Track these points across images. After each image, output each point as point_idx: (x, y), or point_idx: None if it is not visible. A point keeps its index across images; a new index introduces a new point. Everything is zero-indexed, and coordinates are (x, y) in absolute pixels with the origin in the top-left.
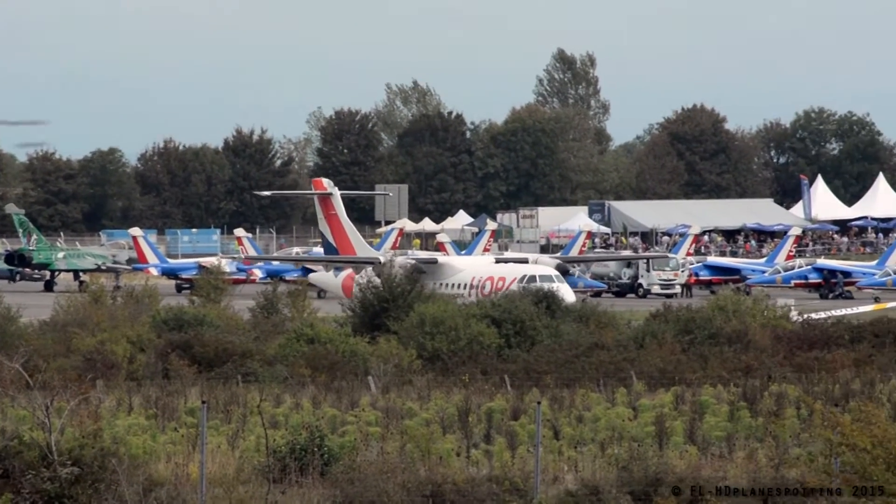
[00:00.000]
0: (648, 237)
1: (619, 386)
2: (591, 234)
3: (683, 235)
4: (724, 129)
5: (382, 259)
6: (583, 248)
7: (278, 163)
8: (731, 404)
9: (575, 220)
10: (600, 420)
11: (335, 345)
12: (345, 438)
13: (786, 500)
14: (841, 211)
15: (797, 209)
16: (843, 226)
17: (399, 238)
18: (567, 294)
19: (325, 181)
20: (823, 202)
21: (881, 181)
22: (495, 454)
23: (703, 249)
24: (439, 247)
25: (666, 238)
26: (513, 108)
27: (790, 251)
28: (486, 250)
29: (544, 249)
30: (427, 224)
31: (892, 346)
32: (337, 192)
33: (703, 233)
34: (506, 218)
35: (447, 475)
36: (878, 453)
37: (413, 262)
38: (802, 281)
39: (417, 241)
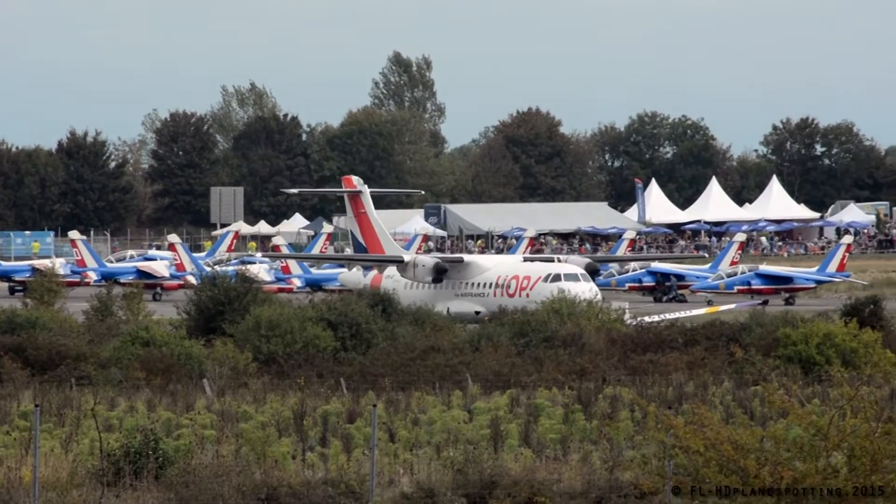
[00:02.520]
0: (485, 240)
1: (454, 389)
2: (427, 237)
3: (519, 238)
4: (559, 133)
5: (406, 258)
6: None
7: (112, 165)
8: (566, 407)
9: (411, 222)
10: (436, 423)
11: (170, 348)
12: (180, 441)
13: (619, 502)
14: (675, 214)
15: (631, 212)
16: (676, 229)
17: (234, 241)
18: (591, 294)
19: (356, 179)
20: (657, 206)
21: (714, 185)
22: (331, 457)
23: (538, 253)
24: (275, 249)
25: (501, 241)
26: (349, 110)
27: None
28: (323, 251)
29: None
30: (263, 227)
31: (725, 349)
32: (367, 190)
33: (539, 236)
34: (342, 221)
35: (282, 478)
36: (710, 455)
37: (437, 260)
38: (636, 284)
39: (253, 244)
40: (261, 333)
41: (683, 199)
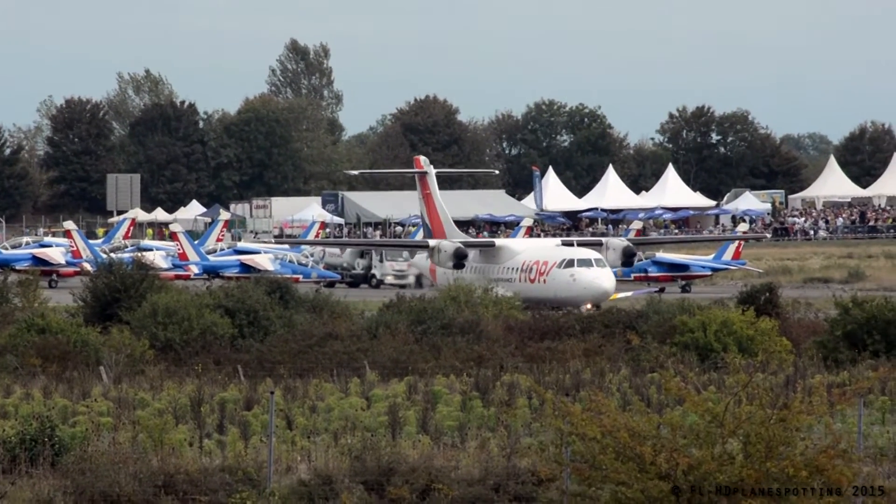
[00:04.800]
0: (382, 227)
1: (352, 376)
2: (324, 224)
3: (417, 226)
4: (456, 121)
5: (431, 244)
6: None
7: (7, 151)
8: (464, 394)
9: (308, 210)
10: (334, 410)
11: (67, 335)
12: (76, 429)
13: (517, 489)
14: (572, 202)
15: (529, 200)
16: (573, 217)
17: (131, 228)
18: (605, 280)
19: (423, 159)
20: (554, 193)
21: (611, 173)
22: (228, 444)
23: None
24: (172, 237)
25: (399, 228)
26: (246, 98)
27: None
28: (218, 240)
29: (278, 240)
30: (160, 214)
31: (622, 337)
32: (432, 171)
33: None
34: (239, 208)
35: (179, 465)
36: (607, 442)
37: (457, 245)
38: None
39: (150, 231)
40: (158, 320)
41: (580, 186)
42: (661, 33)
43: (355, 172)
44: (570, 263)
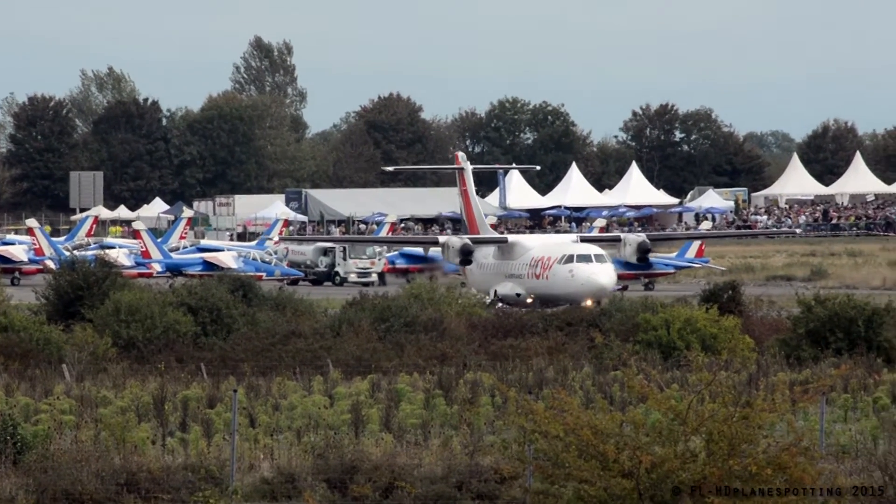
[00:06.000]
0: (345, 225)
1: (315, 374)
2: (288, 222)
3: (380, 224)
4: (420, 119)
5: (441, 240)
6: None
7: None
8: (427, 392)
9: (272, 207)
10: (297, 408)
11: (29, 332)
12: (38, 427)
13: (480, 487)
14: (535, 200)
15: (492, 198)
16: (536, 214)
17: (94, 226)
18: (602, 276)
19: (461, 155)
20: (518, 191)
21: (574, 171)
22: (191, 442)
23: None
24: (135, 235)
25: (363, 226)
26: (210, 95)
27: None
28: (181, 238)
29: (241, 237)
30: (123, 211)
31: (585, 335)
32: (469, 167)
33: (401, 221)
34: (202, 206)
35: (142, 463)
36: (570, 440)
37: (464, 241)
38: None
39: (116, 229)
40: (120, 318)
41: (544, 184)
42: (625, 31)
43: (390, 169)
44: (570, 259)
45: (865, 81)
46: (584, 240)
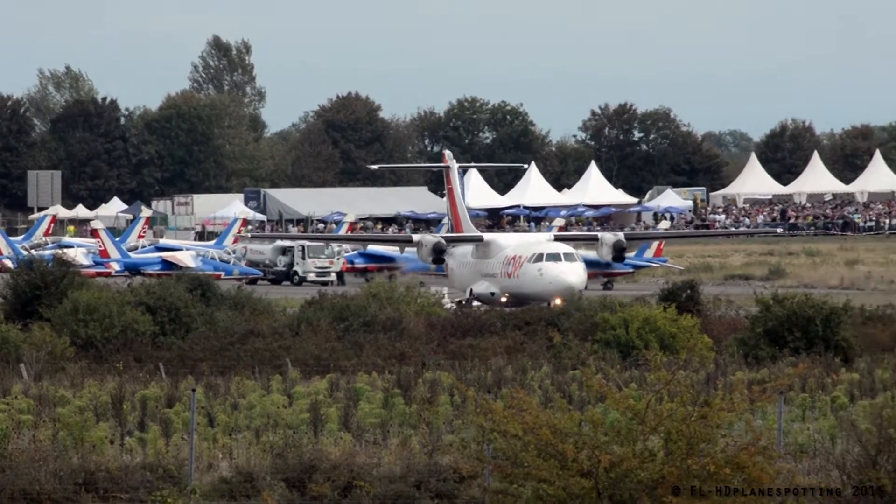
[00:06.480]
0: (304, 224)
1: (274, 373)
2: (246, 222)
3: (339, 223)
4: (379, 118)
5: (415, 238)
6: (237, 237)
7: None
8: (386, 391)
9: (231, 207)
10: (255, 407)
11: None
12: None
13: (439, 486)
14: (494, 199)
15: None
16: (495, 214)
17: (52, 225)
18: (571, 275)
19: (448, 154)
20: (477, 191)
21: (533, 170)
22: (149, 442)
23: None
24: (94, 234)
25: (321, 225)
26: (168, 94)
27: None
28: (140, 237)
29: (200, 237)
30: (81, 211)
31: (544, 334)
32: (454, 166)
33: (359, 220)
34: (161, 205)
35: (100, 463)
36: (528, 439)
37: (437, 239)
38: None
39: (72, 228)
40: (78, 318)
41: (503, 184)
42: (584, 30)
43: (374, 167)
44: (539, 258)
45: (824, 79)
46: (560, 239)
